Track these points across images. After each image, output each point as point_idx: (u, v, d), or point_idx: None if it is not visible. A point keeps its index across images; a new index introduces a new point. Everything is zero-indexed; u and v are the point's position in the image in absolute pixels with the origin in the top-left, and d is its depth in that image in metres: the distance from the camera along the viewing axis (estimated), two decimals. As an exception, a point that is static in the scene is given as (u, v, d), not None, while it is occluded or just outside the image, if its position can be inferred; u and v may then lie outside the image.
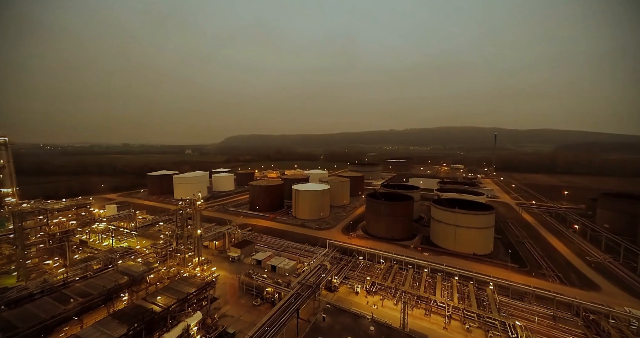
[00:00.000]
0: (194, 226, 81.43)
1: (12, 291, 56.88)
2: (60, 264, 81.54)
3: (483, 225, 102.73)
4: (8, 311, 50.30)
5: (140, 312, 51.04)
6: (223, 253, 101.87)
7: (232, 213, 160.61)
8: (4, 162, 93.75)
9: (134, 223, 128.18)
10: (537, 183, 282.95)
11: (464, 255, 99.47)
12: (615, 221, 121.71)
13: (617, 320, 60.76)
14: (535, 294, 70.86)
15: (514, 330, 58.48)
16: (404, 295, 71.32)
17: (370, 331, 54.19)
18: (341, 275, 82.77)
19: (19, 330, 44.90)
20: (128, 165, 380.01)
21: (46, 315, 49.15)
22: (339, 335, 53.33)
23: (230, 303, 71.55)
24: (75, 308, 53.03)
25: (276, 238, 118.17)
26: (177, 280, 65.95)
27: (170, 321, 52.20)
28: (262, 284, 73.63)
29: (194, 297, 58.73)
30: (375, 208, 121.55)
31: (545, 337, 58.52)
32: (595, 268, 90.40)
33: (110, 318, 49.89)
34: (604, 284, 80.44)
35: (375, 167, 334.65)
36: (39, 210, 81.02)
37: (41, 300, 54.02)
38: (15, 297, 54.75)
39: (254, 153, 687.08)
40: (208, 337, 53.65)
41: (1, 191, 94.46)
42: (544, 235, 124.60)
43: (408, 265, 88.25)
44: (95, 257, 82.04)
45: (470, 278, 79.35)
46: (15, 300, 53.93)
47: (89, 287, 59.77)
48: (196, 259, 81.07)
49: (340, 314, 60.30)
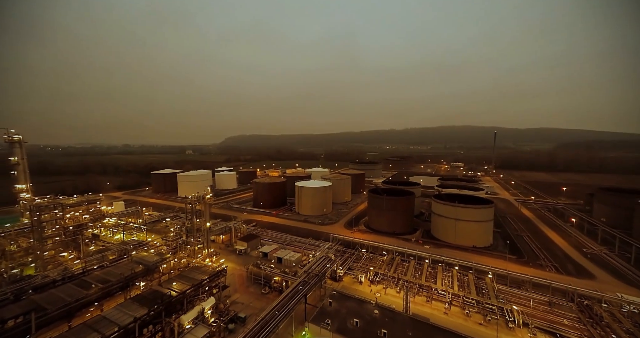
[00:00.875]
0: (203, 219, 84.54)
1: (37, 278, 60.14)
2: (74, 256, 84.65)
3: (482, 218, 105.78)
4: (35, 295, 53.52)
5: (158, 296, 54.27)
6: (230, 247, 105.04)
7: (236, 210, 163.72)
8: (18, 159, 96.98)
9: (141, 219, 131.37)
10: (536, 181, 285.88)
11: (464, 248, 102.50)
12: (611, 215, 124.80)
13: (609, 304, 63.87)
14: (532, 282, 73.98)
15: (510, 314, 61.67)
16: (406, 284, 74.35)
17: (375, 314, 57.23)
18: (345, 266, 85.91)
19: (47, 311, 48.14)
20: (131, 164, 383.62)
21: (71, 299, 52.34)
22: (345, 317, 56.35)
23: (240, 291, 74.71)
24: (96, 293, 56.21)
25: (280, 233, 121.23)
26: (190, 269, 69.20)
27: (187, 305, 55.32)
28: (269, 273, 76.82)
29: (207, 283, 61.92)
30: (377, 203, 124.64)
31: (541, 320, 61.48)
32: (591, 259, 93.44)
33: (130, 301, 53.15)
34: (599, 273, 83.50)
35: (376, 165, 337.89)
36: (55, 204, 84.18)
37: (64, 286, 57.25)
38: (40, 283, 58.01)
39: (255, 153, 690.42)
40: (221, 319, 56.71)
41: (16, 187, 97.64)
42: (542, 228, 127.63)
43: (410, 257, 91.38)
44: (109, 248, 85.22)
45: (469, 268, 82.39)
46: (40, 285, 57.16)
47: (107, 275, 62.98)
48: (205, 251, 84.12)
49: (345, 300, 63.33)
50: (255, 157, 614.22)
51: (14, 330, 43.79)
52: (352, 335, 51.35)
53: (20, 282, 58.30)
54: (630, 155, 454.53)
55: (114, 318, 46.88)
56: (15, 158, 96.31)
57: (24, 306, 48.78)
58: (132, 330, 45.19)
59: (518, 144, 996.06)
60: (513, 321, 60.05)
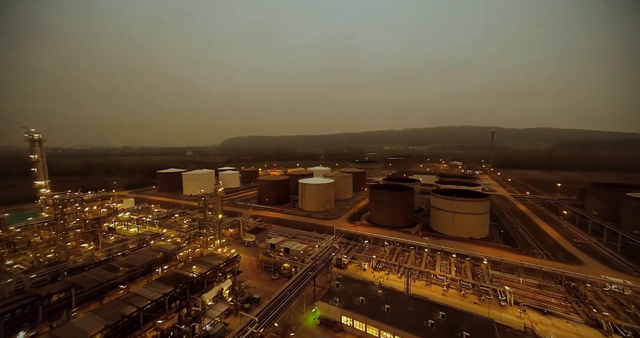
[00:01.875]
0: (215, 212, 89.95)
1: (69, 263, 65.27)
2: (94, 247, 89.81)
3: (479, 210, 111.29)
4: (70, 276, 58.77)
5: (180, 278, 59.55)
6: (238, 240, 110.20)
7: (241, 207, 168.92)
8: (37, 157, 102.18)
9: (150, 215, 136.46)
10: (533, 178, 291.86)
11: (461, 239, 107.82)
12: (602, 208, 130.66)
13: (593, 285, 69.35)
14: (524, 267, 79.46)
15: (503, 294, 67.13)
16: (407, 270, 79.61)
17: (379, 293, 62.48)
18: (349, 255, 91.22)
19: (84, 289, 53.48)
20: (135, 165, 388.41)
21: (102, 280, 57.59)
22: (352, 296, 61.58)
23: (251, 278, 79.83)
24: (123, 276, 61.45)
25: (285, 227, 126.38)
26: (206, 256, 74.50)
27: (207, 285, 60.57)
28: (279, 261, 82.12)
29: (223, 267, 67.15)
30: (379, 198, 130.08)
31: (531, 300, 66.93)
32: (580, 248, 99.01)
33: (156, 281, 58.43)
34: (586, 260, 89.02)
35: (376, 164, 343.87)
36: (75, 198, 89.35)
37: (94, 270, 62.59)
38: (72, 266, 63.33)
39: (255, 154, 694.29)
40: (238, 299, 61.95)
41: (35, 184, 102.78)
42: (536, 222, 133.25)
43: (410, 247, 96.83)
44: (128, 239, 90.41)
45: (466, 255, 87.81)
46: (73, 268, 62.48)
47: (131, 261, 68.30)
48: (217, 241, 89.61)
49: (351, 282, 68.54)
50: (255, 158, 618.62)
51: (58, 303, 49.03)
52: (358, 310, 56.67)
53: (55, 266, 63.49)
54: (626, 154, 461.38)
55: (145, 295, 52.15)
56: (35, 156, 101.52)
57: (63, 284, 54.04)
58: (162, 304, 50.41)
59: (516, 143, 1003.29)
60: (505, 300, 65.49)
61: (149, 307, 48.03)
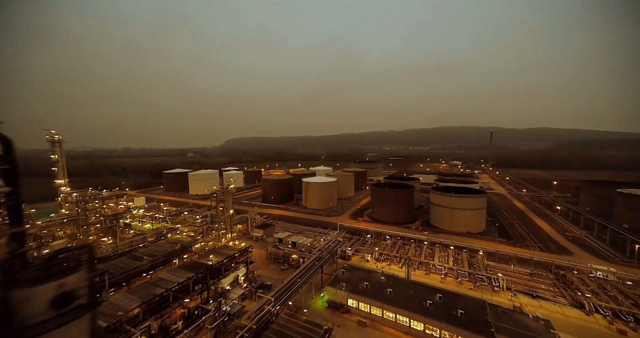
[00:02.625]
0: (226, 207, 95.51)
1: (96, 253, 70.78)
2: (112, 241, 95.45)
3: (476, 206, 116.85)
4: (100, 264, 64.31)
5: (200, 265, 65.11)
6: (247, 235, 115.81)
7: (247, 205, 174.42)
8: (58, 157, 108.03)
9: (161, 213, 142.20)
10: (531, 177, 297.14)
11: (459, 233, 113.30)
12: (595, 204, 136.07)
13: (580, 272, 74.81)
14: (518, 257, 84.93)
15: (496, 281, 72.59)
16: (407, 261, 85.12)
17: (382, 280, 67.94)
18: (353, 248, 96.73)
19: (114, 275, 59.03)
20: (138, 166, 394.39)
21: (129, 267, 63.20)
22: (357, 282, 67.05)
23: (262, 268, 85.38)
24: (147, 265, 67.02)
25: (290, 223, 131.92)
26: (220, 247, 80.00)
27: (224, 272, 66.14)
28: (288, 252, 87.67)
29: (238, 256, 72.71)
30: (380, 195, 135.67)
31: (523, 286, 72.39)
32: (572, 241, 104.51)
33: (177, 268, 64.01)
34: (577, 251, 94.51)
35: (377, 164, 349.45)
36: (95, 196, 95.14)
37: (120, 259, 68.25)
38: (100, 256, 68.89)
39: (256, 155, 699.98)
40: (252, 285, 67.53)
41: (55, 182, 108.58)
42: (531, 217, 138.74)
43: (410, 240, 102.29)
44: (145, 233, 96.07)
45: (463, 248, 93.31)
46: (101, 258, 68.01)
47: (152, 251, 73.94)
48: (229, 235, 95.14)
49: (356, 270, 74.00)
50: (257, 158, 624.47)
51: (94, 286, 54.52)
52: (363, 294, 62.23)
53: (85, 255, 68.99)
54: (624, 153, 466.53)
55: (170, 279, 57.74)
56: (56, 156, 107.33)
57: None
58: (186, 287, 55.97)
59: (516, 143, 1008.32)
60: (498, 286, 71.00)
61: (176, 289, 53.62)
